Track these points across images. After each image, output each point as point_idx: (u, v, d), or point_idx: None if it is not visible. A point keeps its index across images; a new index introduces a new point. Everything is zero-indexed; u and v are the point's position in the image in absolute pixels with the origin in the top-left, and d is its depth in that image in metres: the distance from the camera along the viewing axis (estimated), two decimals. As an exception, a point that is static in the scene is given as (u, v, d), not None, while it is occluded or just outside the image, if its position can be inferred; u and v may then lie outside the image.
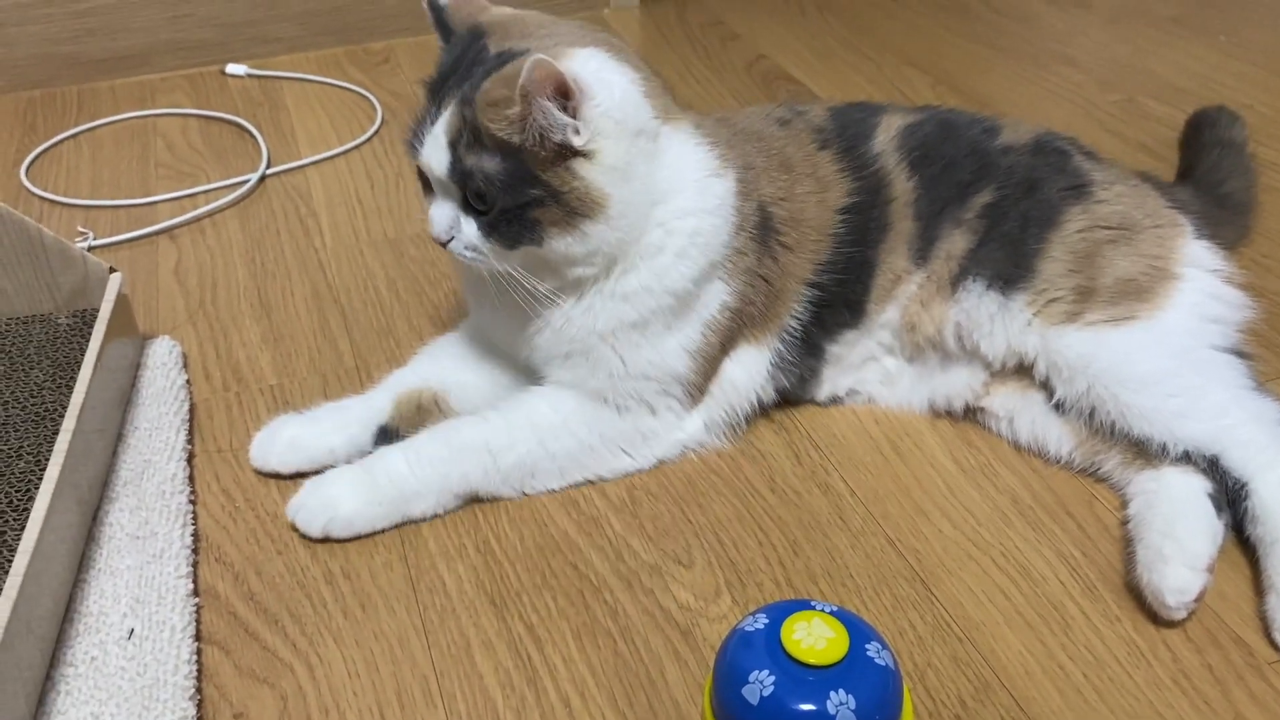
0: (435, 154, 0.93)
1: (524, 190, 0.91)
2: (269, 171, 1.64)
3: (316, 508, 0.99)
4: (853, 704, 0.69)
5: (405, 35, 2.11)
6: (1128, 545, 0.94)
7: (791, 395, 1.14)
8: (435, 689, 0.86)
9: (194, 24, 1.99)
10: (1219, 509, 0.93)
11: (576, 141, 0.89)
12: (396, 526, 1.01)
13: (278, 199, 1.57)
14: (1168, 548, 0.88)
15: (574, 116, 0.88)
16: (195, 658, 0.88)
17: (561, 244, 0.94)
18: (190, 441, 1.12)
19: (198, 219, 1.52)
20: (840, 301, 1.09)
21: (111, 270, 1.21)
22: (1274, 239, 1.38)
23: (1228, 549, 0.94)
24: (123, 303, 1.19)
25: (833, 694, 0.69)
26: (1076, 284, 1.04)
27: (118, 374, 1.15)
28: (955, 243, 1.08)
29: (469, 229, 0.95)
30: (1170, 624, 0.89)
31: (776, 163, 1.08)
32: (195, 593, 0.95)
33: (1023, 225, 1.07)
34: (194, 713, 0.84)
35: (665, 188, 0.97)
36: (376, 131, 1.75)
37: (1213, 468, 0.95)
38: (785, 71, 1.92)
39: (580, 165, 0.91)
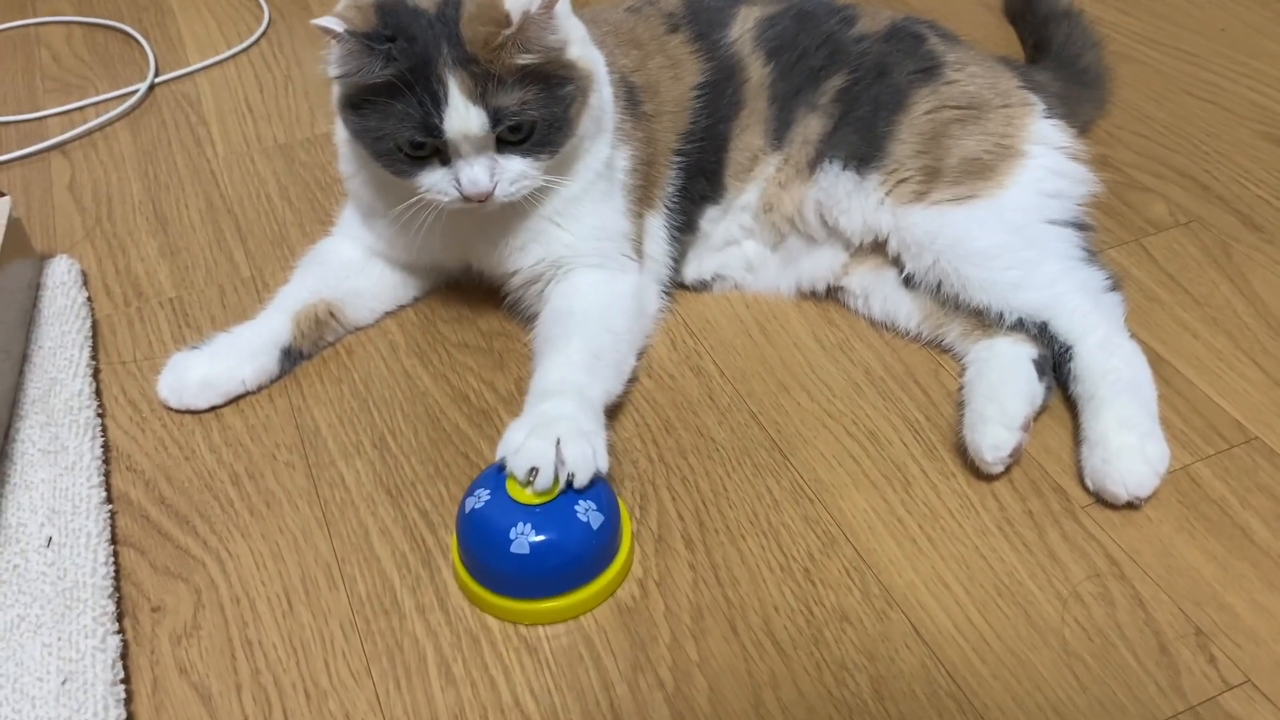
0: (466, 118, 0.94)
1: (558, 94, 0.97)
2: (158, 80, 1.63)
3: None
4: (532, 535, 0.86)
5: (292, -73, 2.06)
6: (961, 409, 1.03)
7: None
8: (337, 574, 0.95)
9: (70, -77, 1.93)
10: (1041, 374, 1.02)
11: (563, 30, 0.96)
12: (296, 427, 1.07)
13: (168, 108, 1.58)
14: (989, 409, 0.97)
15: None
16: (112, 559, 0.95)
17: (584, 125, 1.02)
18: (94, 357, 1.16)
19: (89, 133, 1.53)
20: (699, 172, 1.15)
21: (0, 194, 1.23)
22: (1127, 109, 1.45)
23: (1055, 407, 1.04)
24: (15, 226, 1.22)
25: (520, 523, 0.87)
26: (924, 164, 1.10)
27: (17, 295, 1.18)
28: (811, 126, 1.14)
29: (512, 164, 0.98)
30: (993, 478, 0.99)
31: (627, 40, 1.14)
32: (109, 500, 1.01)
33: (874, 109, 1.13)
34: (113, 610, 0.91)
35: None
36: (264, 33, 1.74)
37: (1042, 333, 1.05)
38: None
39: (570, 50, 0.98)
